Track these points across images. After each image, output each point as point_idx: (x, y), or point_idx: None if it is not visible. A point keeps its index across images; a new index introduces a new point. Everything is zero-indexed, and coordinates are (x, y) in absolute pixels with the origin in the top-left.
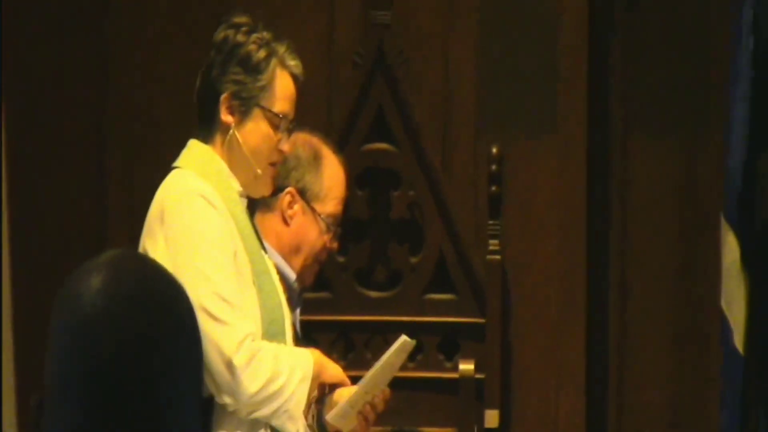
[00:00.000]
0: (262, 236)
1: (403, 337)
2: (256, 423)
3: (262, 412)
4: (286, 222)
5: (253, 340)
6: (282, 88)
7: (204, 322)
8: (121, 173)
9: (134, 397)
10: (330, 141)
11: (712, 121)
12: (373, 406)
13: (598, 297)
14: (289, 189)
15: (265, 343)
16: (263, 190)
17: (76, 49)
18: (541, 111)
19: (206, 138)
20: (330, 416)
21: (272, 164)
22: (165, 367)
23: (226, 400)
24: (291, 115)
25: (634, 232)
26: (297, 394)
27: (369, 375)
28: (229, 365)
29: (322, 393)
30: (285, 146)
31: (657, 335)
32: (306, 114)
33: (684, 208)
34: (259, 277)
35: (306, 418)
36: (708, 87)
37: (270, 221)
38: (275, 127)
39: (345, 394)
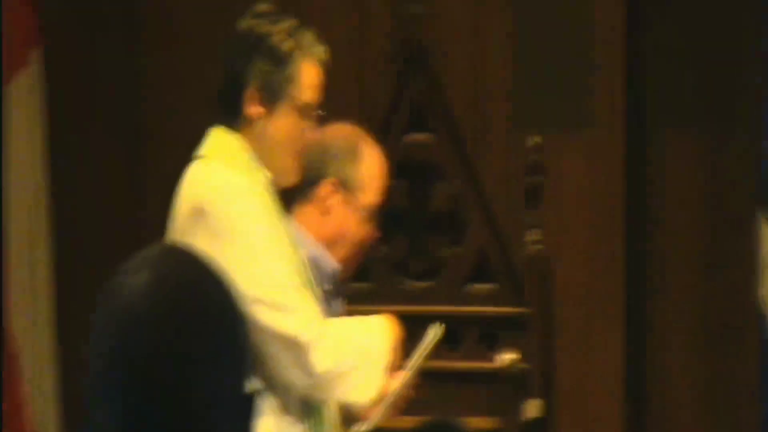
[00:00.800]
0: (302, 227)
1: (435, 328)
2: (300, 415)
3: (334, 392)
4: (325, 213)
5: (320, 322)
6: (308, 77)
7: (263, 314)
8: (157, 167)
9: (176, 397)
10: (368, 132)
11: (745, 114)
12: (405, 397)
13: (636, 286)
14: (328, 180)
15: (336, 321)
16: (291, 178)
17: (110, 41)
18: (578, 103)
19: (231, 127)
20: (368, 426)
21: (300, 153)
22: (208, 366)
23: (298, 380)
24: (317, 103)
25: (670, 224)
26: (374, 370)
27: (411, 372)
28: (297, 344)
29: None
30: (311, 134)
31: (691, 326)
32: (345, 106)
33: (719, 201)
34: (298, 265)
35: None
36: (741, 81)
37: (310, 213)
38: (302, 116)
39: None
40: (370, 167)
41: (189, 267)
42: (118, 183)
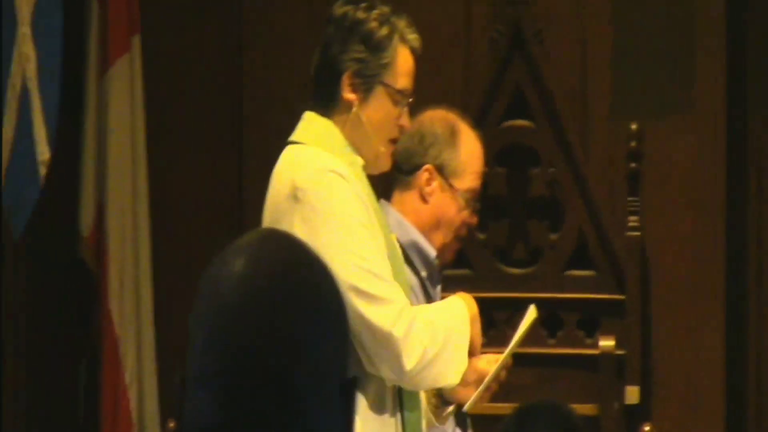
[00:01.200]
0: (401, 214)
1: (532, 309)
2: (393, 405)
3: (425, 381)
4: (424, 199)
5: (410, 312)
6: (403, 64)
7: (356, 302)
8: (257, 152)
9: (274, 383)
10: (467, 117)
11: None
12: (498, 380)
13: (736, 272)
14: (426, 166)
15: (418, 310)
16: (383, 166)
17: (212, 32)
18: (679, 88)
19: (325, 113)
20: (469, 408)
21: (392, 140)
22: (306, 354)
23: (388, 375)
24: (411, 90)
25: None
26: (457, 352)
27: (508, 353)
28: (389, 340)
29: None
30: (404, 121)
31: None
32: (442, 92)
33: None
34: (389, 252)
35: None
36: None
37: (408, 199)
38: (396, 103)
39: (475, 365)
40: (467, 152)
41: (286, 252)
42: (217, 168)
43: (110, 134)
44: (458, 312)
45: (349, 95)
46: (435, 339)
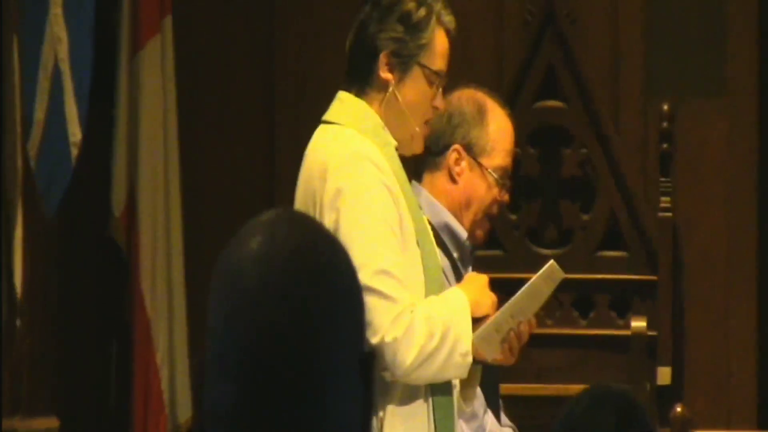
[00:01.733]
0: (432, 195)
1: (552, 263)
2: (424, 390)
3: (425, 376)
4: (454, 179)
5: (411, 312)
6: (440, 46)
7: (365, 295)
8: (289, 133)
9: (291, 368)
10: (495, 95)
11: None
12: (518, 334)
13: None
14: (455, 146)
15: (419, 307)
16: (416, 147)
17: (243, 12)
18: (711, 70)
19: (359, 93)
20: (474, 336)
21: (426, 121)
22: (323, 335)
23: (383, 374)
24: (446, 71)
25: None
26: (459, 346)
27: (515, 298)
28: (382, 343)
29: None
30: (439, 102)
31: None
32: (477, 73)
33: None
34: (421, 235)
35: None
36: None
37: (439, 180)
38: (431, 84)
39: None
40: (496, 130)
41: (302, 232)
42: (248, 148)
43: (142, 115)
44: (457, 304)
45: (386, 74)
46: (432, 334)
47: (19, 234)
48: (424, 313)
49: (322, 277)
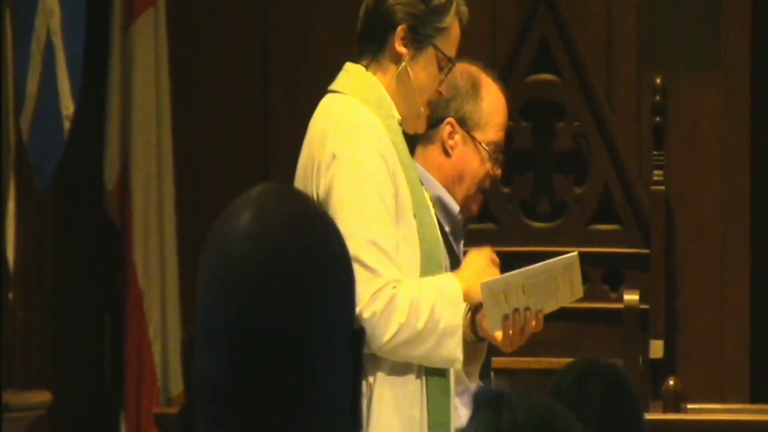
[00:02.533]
0: (424, 168)
1: (575, 254)
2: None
3: (405, 356)
4: (447, 153)
5: (394, 287)
6: (455, 33)
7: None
8: (284, 107)
9: (280, 340)
10: (489, 69)
11: None
12: (522, 321)
13: (762, 227)
14: (448, 119)
15: (405, 285)
16: (420, 126)
17: None
18: (705, 43)
19: (369, 63)
20: (483, 282)
21: (428, 103)
22: (312, 308)
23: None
24: (455, 59)
25: None
26: (447, 342)
27: (531, 269)
28: (359, 316)
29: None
30: (443, 87)
31: None
32: (469, 47)
33: None
34: (419, 209)
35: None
36: None
37: (431, 153)
38: (441, 69)
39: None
40: (490, 104)
41: (292, 206)
42: (242, 122)
43: (135, 88)
44: (449, 290)
45: (401, 48)
46: (417, 317)
47: (12, 207)
48: (410, 294)
49: (312, 251)
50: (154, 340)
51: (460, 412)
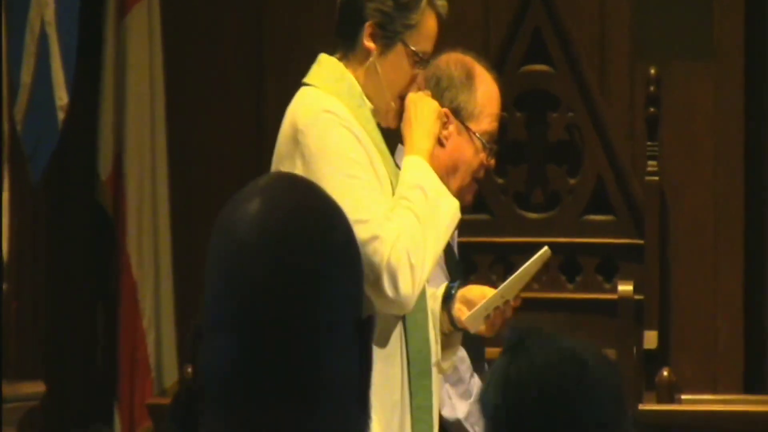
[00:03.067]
0: None
1: (546, 249)
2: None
3: (435, 231)
4: (441, 143)
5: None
6: (428, 29)
7: None
8: (277, 95)
9: (288, 327)
10: (483, 59)
11: None
12: (501, 311)
13: (755, 218)
14: (443, 110)
15: (387, 223)
16: (390, 121)
17: None
18: (698, 34)
19: (343, 56)
20: (466, 319)
21: (401, 98)
22: (320, 295)
23: (383, 301)
24: (430, 53)
25: None
26: (439, 194)
27: (508, 282)
28: (376, 270)
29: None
30: (420, 83)
31: None
32: (463, 37)
33: None
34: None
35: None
36: None
37: None
38: (413, 65)
39: (476, 292)
40: (483, 94)
41: (300, 194)
42: (236, 112)
43: (129, 79)
44: (419, 175)
45: (369, 44)
46: (418, 241)
47: (6, 198)
48: (395, 225)
49: (319, 239)
50: (147, 330)
51: (455, 402)
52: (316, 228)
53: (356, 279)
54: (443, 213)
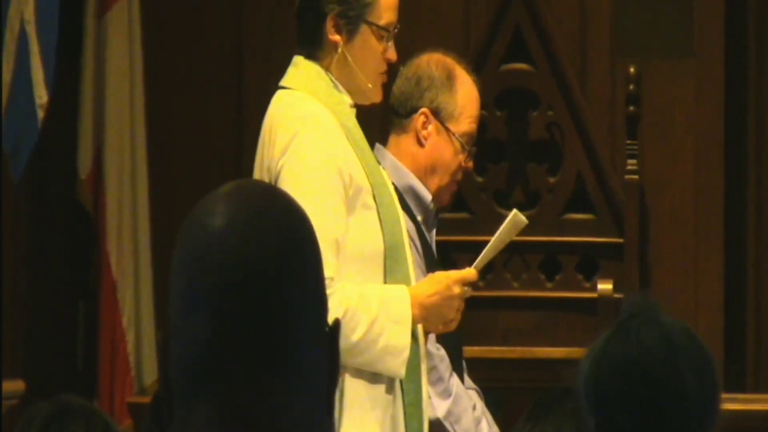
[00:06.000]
0: (397, 158)
1: (515, 212)
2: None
3: (356, 361)
4: (420, 143)
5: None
6: (386, 0)
7: None
8: (258, 94)
9: (255, 332)
10: (464, 61)
11: None
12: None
13: (736, 217)
14: (423, 110)
15: (341, 291)
16: (374, 98)
17: None
18: (678, 32)
19: (311, 55)
20: None
21: (381, 73)
22: (286, 300)
23: None
24: (395, 23)
25: None
26: (389, 350)
27: (482, 257)
28: None
29: None
30: (391, 54)
31: None
32: (444, 36)
33: None
34: (378, 189)
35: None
36: None
37: (405, 142)
38: (381, 39)
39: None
40: (464, 96)
41: (268, 200)
42: (216, 111)
43: (108, 77)
44: (396, 308)
45: (334, 37)
46: (350, 330)
47: None
48: (344, 304)
49: (285, 249)
50: (127, 329)
51: (434, 401)
52: (284, 237)
53: (321, 291)
54: (385, 364)
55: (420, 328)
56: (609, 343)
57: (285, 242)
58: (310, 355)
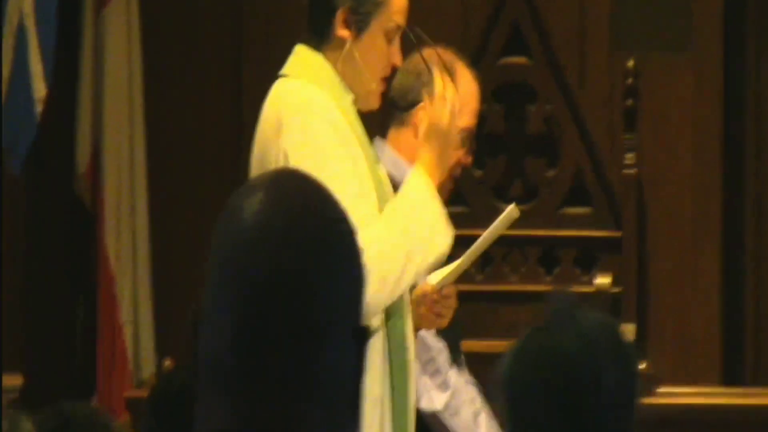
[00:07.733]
0: (396, 150)
1: (513, 206)
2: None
3: (402, 283)
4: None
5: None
6: (398, 2)
7: None
8: (257, 89)
9: (288, 322)
10: (462, 56)
11: None
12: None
13: (734, 210)
14: (422, 104)
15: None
16: (373, 104)
17: None
18: (676, 26)
19: (317, 47)
20: (437, 284)
21: (383, 78)
22: (324, 288)
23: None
24: (404, 26)
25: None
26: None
27: (476, 246)
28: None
29: None
30: (396, 59)
31: None
32: (441, 30)
33: None
34: (378, 185)
35: None
36: None
37: (403, 135)
38: (389, 41)
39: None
40: (463, 91)
41: (304, 192)
42: (215, 106)
43: (107, 71)
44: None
45: (342, 32)
46: (399, 253)
47: None
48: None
49: (319, 241)
50: (125, 323)
51: (432, 394)
52: (317, 230)
53: (354, 284)
54: (436, 243)
55: (410, 328)
56: (528, 338)
57: (318, 245)
58: (335, 359)
